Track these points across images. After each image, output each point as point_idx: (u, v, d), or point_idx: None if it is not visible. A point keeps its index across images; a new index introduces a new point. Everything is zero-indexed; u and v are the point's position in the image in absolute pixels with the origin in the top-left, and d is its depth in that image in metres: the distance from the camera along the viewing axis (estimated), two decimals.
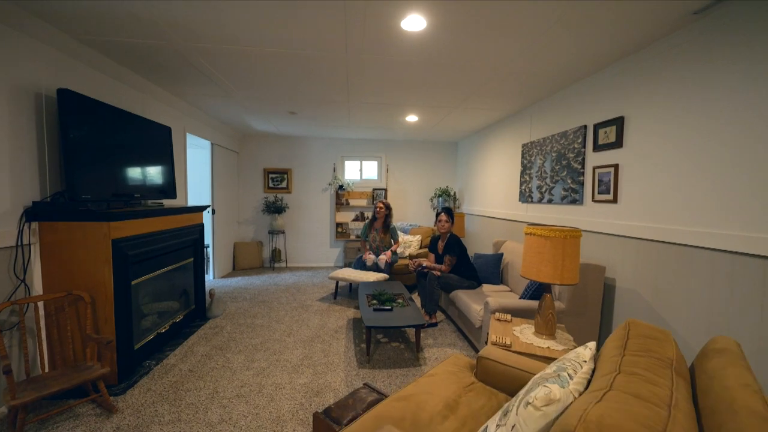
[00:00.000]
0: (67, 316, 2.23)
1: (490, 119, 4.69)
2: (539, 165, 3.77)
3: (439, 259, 3.68)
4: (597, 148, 2.91)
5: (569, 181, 3.27)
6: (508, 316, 2.41)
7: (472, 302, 2.98)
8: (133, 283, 2.62)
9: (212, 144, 5.19)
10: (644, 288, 2.49)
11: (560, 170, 3.40)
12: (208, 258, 5.40)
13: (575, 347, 2.01)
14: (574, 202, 3.20)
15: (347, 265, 6.36)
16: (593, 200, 2.96)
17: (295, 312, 3.91)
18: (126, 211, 2.51)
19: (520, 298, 2.85)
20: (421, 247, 5.23)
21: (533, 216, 3.87)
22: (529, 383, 1.18)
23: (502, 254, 3.69)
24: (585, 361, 1.19)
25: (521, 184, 4.16)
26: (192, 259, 3.57)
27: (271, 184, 6.34)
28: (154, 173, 3.22)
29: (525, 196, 4.06)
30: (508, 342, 1.99)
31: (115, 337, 2.37)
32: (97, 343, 2.17)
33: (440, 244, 3.69)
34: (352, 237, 6.41)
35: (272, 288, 4.90)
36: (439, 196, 6.34)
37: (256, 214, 6.33)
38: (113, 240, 2.35)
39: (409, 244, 5.21)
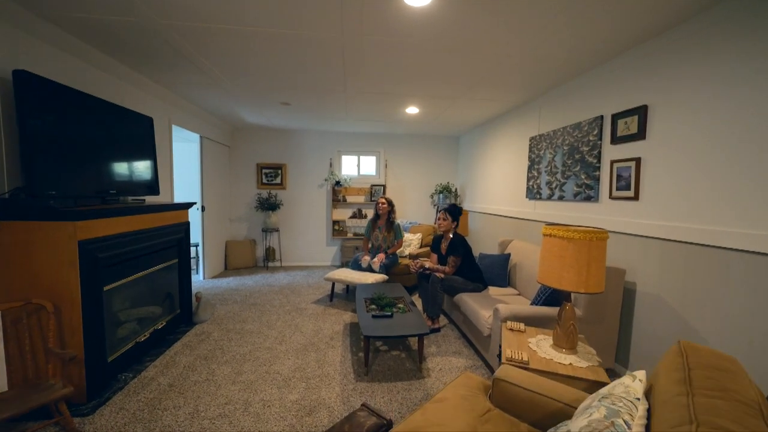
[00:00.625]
0: (26, 328, 1.98)
1: (495, 111, 4.44)
2: (549, 159, 3.53)
3: (442, 260, 3.44)
4: (615, 140, 2.67)
5: (583, 177, 3.03)
6: (522, 326, 2.18)
7: (480, 308, 2.75)
8: (105, 288, 2.37)
9: (201, 137, 4.92)
10: (670, 294, 2.26)
11: (573, 165, 3.16)
12: (198, 257, 5.14)
13: (599, 363, 1.79)
14: (588, 198, 2.96)
15: (344, 264, 6.12)
16: (611, 197, 2.73)
17: (288, 316, 3.67)
18: (97, 209, 2.25)
19: (531, 304, 2.62)
20: (421, 246, 5.00)
21: (542, 214, 3.64)
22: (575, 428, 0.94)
23: (509, 255, 3.46)
24: (638, 399, 0.95)
25: (529, 180, 3.92)
26: (176, 260, 3.32)
27: (264, 180, 6.08)
28: (134, 167, 2.96)
29: (533, 193, 3.82)
30: (525, 358, 1.76)
31: (83, 349, 2.12)
32: (59, 359, 1.92)
33: (443, 244, 3.45)
34: (350, 235, 6.16)
35: (265, 289, 4.65)
36: (440, 192, 6.10)
37: (249, 211, 6.06)
38: (81, 241, 2.09)
39: (408, 242, 4.97)
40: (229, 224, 5.98)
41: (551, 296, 2.51)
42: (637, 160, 2.48)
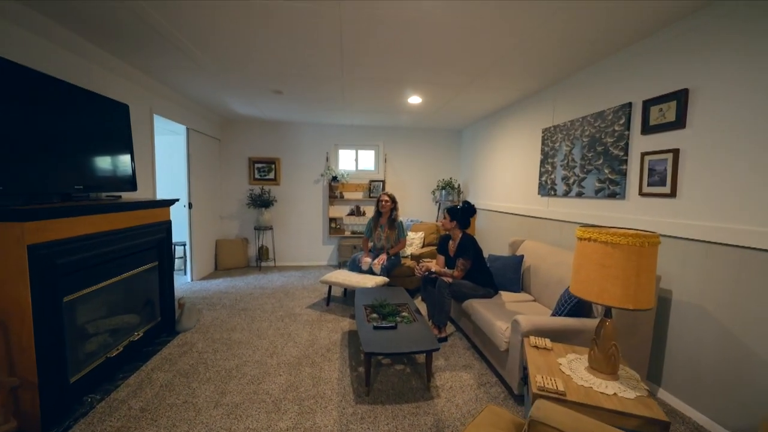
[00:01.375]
0: None
1: (504, 102, 4.13)
2: (565, 152, 3.23)
3: (449, 263, 3.14)
4: (647, 129, 2.38)
5: (607, 171, 2.74)
6: (547, 342, 1.89)
7: (494, 318, 2.45)
8: (66, 299, 2.05)
9: (188, 129, 4.57)
10: (715, 305, 1.98)
11: (594, 158, 2.87)
12: (185, 258, 4.82)
13: (647, 392, 1.50)
14: (613, 195, 2.67)
15: (341, 264, 5.82)
16: (640, 193, 2.44)
17: (280, 323, 3.37)
18: (55, 207, 1.94)
19: (553, 314, 2.33)
20: (423, 245, 4.70)
21: (557, 212, 3.35)
22: None
23: (522, 256, 3.17)
24: None
25: (541, 175, 3.62)
26: (156, 262, 3.00)
27: (257, 175, 5.74)
28: (106, 160, 2.63)
29: (546, 189, 3.53)
30: (560, 387, 1.47)
31: (37, 372, 1.81)
32: (1, 387, 1.61)
33: (451, 245, 3.15)
34: (347, 233, 5.85)
35: (257, 292, 4.34)
36: (442, 188, 5.80)
37: (241, 208, 5.73)
38: (31, 246, 1.77)
39: (410, 242, 4.67)
40: (219, 222, 5.65)
41: (577, 306, 2.22)
42: (675, 152, 2.18)
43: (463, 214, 3.05)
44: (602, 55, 2.72)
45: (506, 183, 4.42)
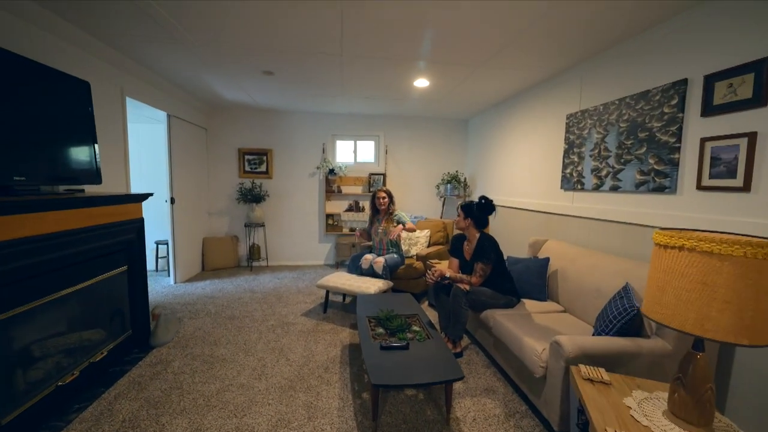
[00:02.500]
0: None
1: (521, 84, 3.71)
2: (597, 141, 2.84)
3: (465, 267, 2.74)
4: (710, 110, 1.98)
5: (652, 161, 2.34)
6: (603, 373, 1.50)
7: (523, 333, 2.07)
8: None
9: (169, 116, 4.12)
10: None
11: (635, 146, 2.47)
12: (168, 258, 4.39)
13: None
14: (660, 189, 2.28)
15: (339, 264, 5.42)
16: (699, 187, 2.05)
17: (271, 334, 2.96)
18: None
19: (597, 333, 1.94)
20: (429, 245, 4.31)
21: (584, 208, 2.96)
22: None
23: (547, 259, 2.77)
24: None
25: (565, 167, 3.22)
26: (126, 267, 2.57)
27: (247, 168, 5.30)
28: (59, 147, 2.19)
29: (571, 182, 3.13)
30: None
31: None
32: None
33: (466, 247, 2.76)
34: (345, 230, 5.44)
35: (246, 296, 3.93)
36: (447, 182, 5.40)
37: (230, 203, 5.29)
38: None
39: (414, 241, 4.27)
40: (207, 219, 5.22)
41: (629, 324, 1.84)
42: (751, 136, 1.79)
43: (480, 211, 2.65)
44: (646, 24, 2.31)
45: (521, 176, 4.02)
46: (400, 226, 3.53)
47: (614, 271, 2.23)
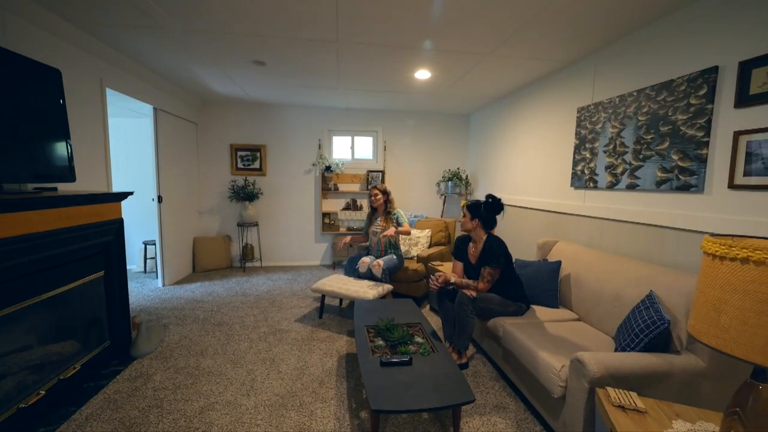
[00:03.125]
0: None
1: (527, 76, 3.51)
2: (611, 135, 2.64)
3: (471, 271, 2.55)
4: (746, 100, 1.79)
5: (676, 157, 2.15)
6: (636, 399, 1.31)
7: (537, 346, 1.88)
8: None
9: (156, 109, 3.89)
10: None
11: (656, 141, 2.28)
12: (156, 259, 4.17)
13: None
14: (685, 188, 2.09)
15: (336, 264, 5.22)
16: (731, 186, 1.86)
17: (263, 343, 2.76)
18: None
19: (621, 348, 1.75)
20: (430, 245, 4.11)
21: (597, 208, 2.77)
22: None
23: (559, 263, 2.59)
24: None
25: (576, 164, 3.03)
26: (102, 272, 2.36)
27: (240, 165, 5.08)
28: (23, 141, 1.97)
29: (583, 180, 2.94)
30: None
31: None
32: None
33: (472, 249, 2.56)
34: (342, 230, 5.24)
35: (237, 300, 3.72)
36: (448, 180, 5.20)
37: (222, 201, 5.07)
38: None
39: (415, 241, 4.07)
40: (198, 218, 4.99)
41: (658, 339, 1.65)
42: None
43: (487, 210, 2.45)
44: (671, 7, 2.11)
45: (528, 173, 3.82)
46: (392, 228, 3.33)
47: (636, 278, 2.05)
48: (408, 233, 3.46)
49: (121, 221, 2.49)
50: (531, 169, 3.74)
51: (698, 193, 2.04)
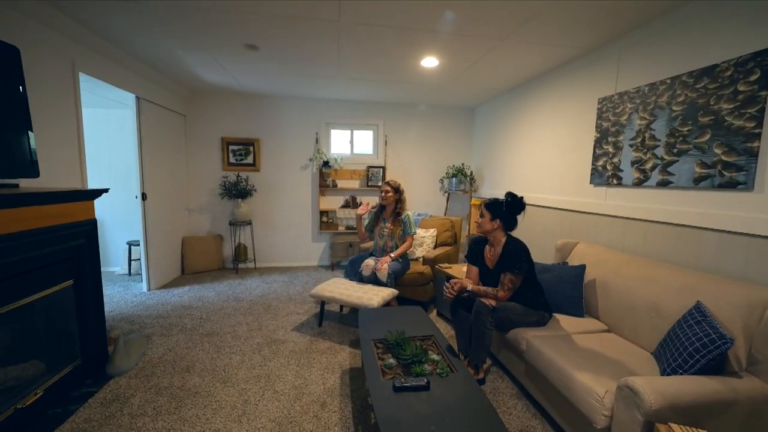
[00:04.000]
0: None
1: (540, 66, 3.27)
2: (639, 128, 2.42)
3: (488, 278, 2.30)
4: None
5: (718, 151, 1.93)
6: None
7: (570, 366, 1.65)
8: None
9: (138, 98, 3.59)
10: None
11: (693, 133, 2.06)
12: (141, 261, 3.87)
13: None
14: (730, 185, 1.87)
15: (334, 265, 4.96)
16: None
17: (257, 356, 2.50)
18: None
19: (669, 369, 1.52)
20: (436, 245, 3.87)
21: (622, 207, 2.55)
22: None
23: (583, 267, 2.36)
24: None
25: (597, 159, 2.81)
26: (71, 281, 2.08)
27: (232, 159, 4.78)
28: None
29: (604, 177, 2.72)
30: None
31: None
32: None
33: (489, 252, 2.31)
34: (341, 228, 4.98)
35: (229, 306, 3.45)
36: (452, 176, 4.96)
37: (213, 198, 4.78)
38: None
39: (420, 241, 3.83)
40: (187, 216, 4.70)
41: (719, 360, 1.43)
42: None
43: (508, 210, 2.20)
44: None
45: (540, 170, 3.59)
46: (388, 257, 3.09)
47: (676, 285, 1.83)
48: (408, 248, 3.25)
49: (94, 222, 2.21)
50: (544, 165, 3.51)
51: (747, 191, 1.82)
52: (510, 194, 2.23)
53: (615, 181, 2.63)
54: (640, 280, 2.01)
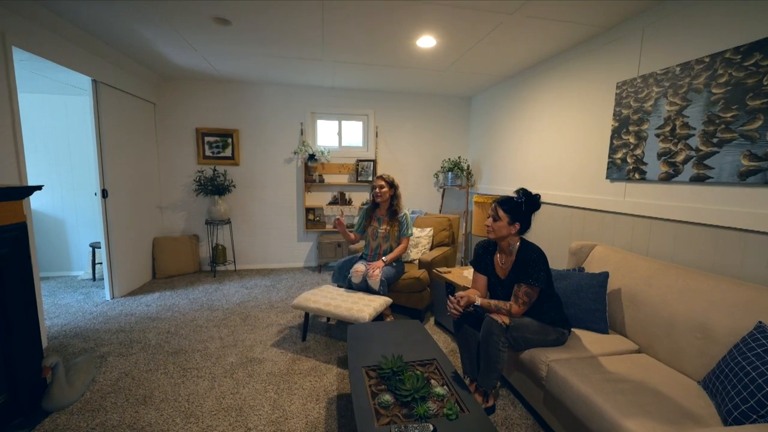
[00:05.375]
0: None
1: (551, 47, 2.94)
2: (668, 114, 2.11)
3: (497, 288, 1.98)
4: None
5: None
6: None
7: (613, 408, 1.34)
8: None
9: (96, 82, 3.15)
10: None
11: (738, 120, 1.76)
12: (104, 266, 3.45)
13: None
14: None
15: (322, 266, 4.60)
16: None
17: (228, 380, 2.14)
18: None
19: (735, 414, 1.22)
20: (432, 246, 3.54)
21: (643, 205, 2.26)
22: None
23: (606, 275, 2.05)
24: None
25: (614, 151, 2.50)
26: None
27: (208, 152, 4.36)
28: None
29: (624, 171, 2.42)
30: None
31: None
32: None
33: (500, 260, 1.98)
34: (329, 227, 4.62)
35: (202, 316, 3.08)
36: (448, 170, 4.63)
37: (187, 195, 4.36)
38: None
39: (415, 242, 3.50)
40: (158, 214, 4.27)
41: None
42: None
43: (527, 209, 1.87)
44: None
45: (546, 163, 3.28)
46: (381, 262, 2.76)
47: (729, 302, 1.53)
48: (404, 251, 2.94)
49: (22, 226, 1.81)
50: (552, 159, 3.20)
51: None
52: (523, 191, 1.90)
53: (637, 176, 2.33)
54: (679, 293, 1.71)
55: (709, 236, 1.92)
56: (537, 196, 1.88)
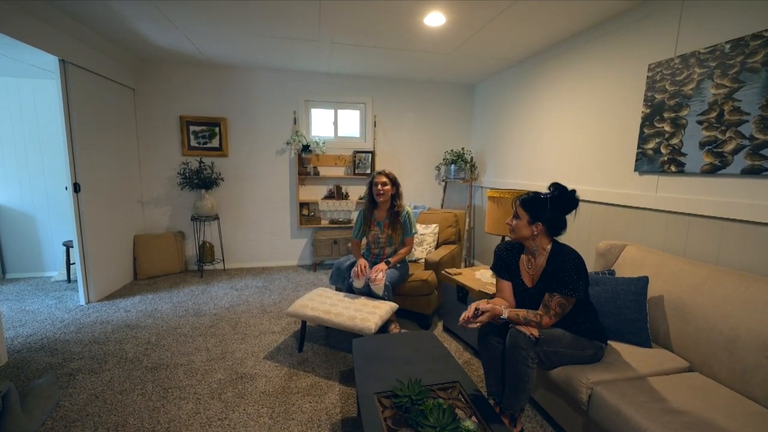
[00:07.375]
0: None
1: (572, 25, 2.68)
2: (714, 99, 1.87)
3: (524, 297, 1.73)
4: None
5: None
6: None
7: None
8: None
9: (64, 62, 2.81)
10: None
11: None
12: (78, 267, 3.13)
13: None
14: None
15: (317, 264, 4.32)
16: None
17: (216, 402, 1.87)
18: None
19: None
20: (438, 245, 3.28)
21: (679, 200, 2.03)
22: None
23: (646, 279, 1.81)
24: None
25: (645, 141, 2.26)
26: None
27: (193, 143, 4.02)
28: None
29: (656, 163, 2.18)
30: None
31: None
32: None
33: (527, 264, 1.73)
34: (324, 223, 4.34)
35: (187, 324, 2.79)
36: (451, 162, 4.37)
37: (171, 189, 4.03)
38: None
39: (420, 240, 3.24)
40: (139, 210, 3.94)
41: None
42: None
43: (554, 208, 1.62)
44: None
45: (562, 155, 3.04)
46: (384, 264, 2.50)
47: None
48: (409, 252, 2.70)
49: None
50: (567, 150, 2.95)
51: None
52: (556, 186, 1.65)
53: (673, 168, 2.09)
54: (740, 303, 1.48)
55: (762, 236, 1.69)
56: (571, 192, 1.63)
